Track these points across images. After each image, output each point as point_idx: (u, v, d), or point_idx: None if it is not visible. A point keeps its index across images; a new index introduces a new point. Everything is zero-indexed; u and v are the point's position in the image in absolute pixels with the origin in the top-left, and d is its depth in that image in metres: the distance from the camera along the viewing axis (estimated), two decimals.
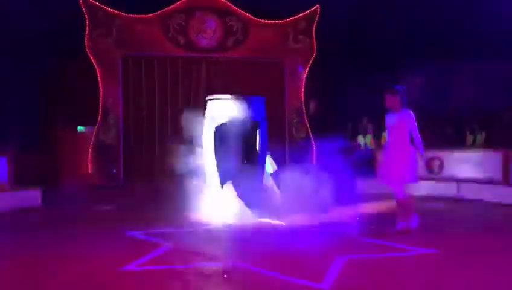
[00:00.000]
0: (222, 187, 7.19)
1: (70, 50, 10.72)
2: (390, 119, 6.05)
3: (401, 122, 5.92)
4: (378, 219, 6.77)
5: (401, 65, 11.90)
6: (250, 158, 7.36)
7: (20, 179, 8.67)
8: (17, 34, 9.96)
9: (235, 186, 7.10)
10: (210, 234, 6.14)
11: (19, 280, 4.36)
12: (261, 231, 6.33)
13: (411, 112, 5.95)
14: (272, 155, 8.04)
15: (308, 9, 12.16)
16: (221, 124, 7.15)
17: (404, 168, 5.87)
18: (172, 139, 11.72)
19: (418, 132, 5.92)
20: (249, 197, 7.04)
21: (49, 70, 10.65)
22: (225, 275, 4.31)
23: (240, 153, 7.33)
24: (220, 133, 7.18)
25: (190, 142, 8.40)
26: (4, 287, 4.19)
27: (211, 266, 4.66)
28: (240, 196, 7.05)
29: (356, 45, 11.81)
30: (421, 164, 6.38)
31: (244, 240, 5.85)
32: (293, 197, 7.33)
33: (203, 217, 6.99)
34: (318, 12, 12.12)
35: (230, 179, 7.14)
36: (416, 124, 5.91)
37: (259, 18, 12.05)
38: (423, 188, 7.78)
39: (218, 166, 7.20)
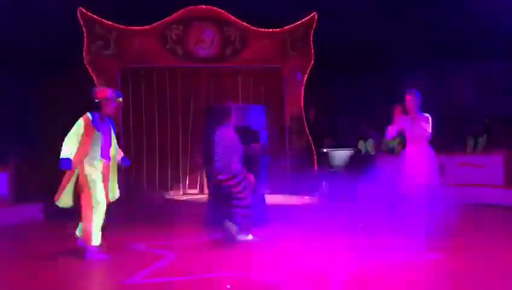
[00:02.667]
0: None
1: (69, 62, 10.73)
2: (409, 124, 6.09)
3: (423, 126, 5.98)
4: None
5: (401, 68, 11.91)
6: (250, 168, 7.33)
7: (21, 194, 8.64)
8: (16, 46, 9.97)
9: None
10: (213, 245, 6.11)
11: None
12: (263, 240, 6.29)
13: (429, 116, 6.05)
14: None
15: (305, 17, 12.17)
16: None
17: (431, 171, 5.95)
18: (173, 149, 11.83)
19: (425, 137, 6.02)
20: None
21: (48, 84, 10.65)
22: (228, 286, 4.27)
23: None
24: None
25: (191, 152, 8.39)
26: None
27: (214, 277, 4.63)
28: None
29: (355, 50, 11.81)
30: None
31: (246, 249, 5.82)
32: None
33: (204, 227, 6.96)
34: (315, 20, 12.13)
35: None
36: (427, 128, 6.01)
37: (256, 27, 12.07)
38: None
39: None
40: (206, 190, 9.77)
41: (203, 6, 11.85)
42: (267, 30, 12.14)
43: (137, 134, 11.67)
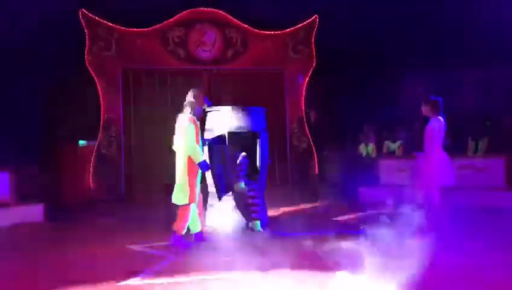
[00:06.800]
0: (221, 199, 7.17)
1: (70, 64, 10.75)
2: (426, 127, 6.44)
3: (426, 130, 6.35)
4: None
5: (402, 73, 11.92)
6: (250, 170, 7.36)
7: (22, 195, 8.66)
8: (17, 48, 9.99)
9: (234, 198, 7.09)
10: (212, 246, 6.12)
11: None
12: (262, 241, 6.30)
13: (439, 120, 6.38)
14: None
15: (306, 20, 12.19)
16: (221, 136, 7.16)
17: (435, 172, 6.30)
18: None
19: (431, 141, 6.33)
20: (247, 209, 7.03)
21: (49, 85, 10.67)
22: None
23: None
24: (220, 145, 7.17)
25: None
26: None
27: (214, 278, 4.64)
28: (238, 207, 7.04)
29: (356, 53, 11.82)
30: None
31: (246, 250, 5.82)
32: None
33: (204, 229, 6.96)
34: (317, 23, 12.15)
35: (229, 191, 7.14)
36: (435, 132, 6.33)
37: (258, 29, 12.09)
38: None
39: (217, 178, 7.20)
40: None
41: (205, 9, 11.86)
42: (268, 32, 12.15)
43: (138, 134, 11.68)
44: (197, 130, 6.11)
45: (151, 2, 11.06)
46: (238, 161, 7.09)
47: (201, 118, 6.49)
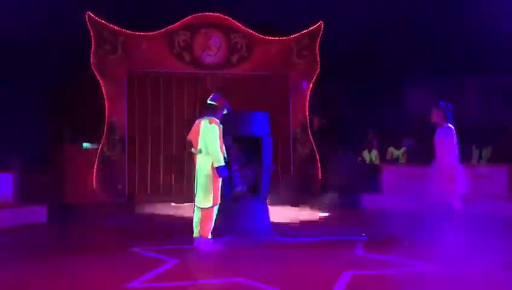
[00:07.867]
0: (223, 203, 7.15)
1: (76, 67, 10.81)
2: (436, 134, 6.35)
3: (441, 137, 6.25)
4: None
5: (405, 79, 11.92)
6: (253, 174, 7.35)
7: (26, 196, 8.68)
8: (22, 50, 10.05)
9: (237, 203, 7.08)
10: (214, 250, 6.11)
11: None
12: (264, 246, 6.30)
13: (450, 127, 6.27)
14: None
15: (311, 26, 12.21)
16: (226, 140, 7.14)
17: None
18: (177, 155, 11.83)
19: (448, 148, 6.20)
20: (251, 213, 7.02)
21: (54, 87, 10.73)
22: None
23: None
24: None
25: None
26: None
27: (216, 283, 4.64)
28: (242, 212, 7.03)
29: (360, 59, 11.84)
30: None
31: (248, 255, 5.82)
32: None
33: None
34: (321, 29, 12.17)
35: (232, 195, 7.13)
36: (452, 140, 6.21)
37: (263, 34, 12.12)
38: None
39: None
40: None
41: (211, 14, 11.91)
42: (273, 38, 12.19)
43: (142, 137, 11.72)
44: (220, 133, 6.03)
45: (157, 6, 11.12)
46: (232, 168, 6.99)
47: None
